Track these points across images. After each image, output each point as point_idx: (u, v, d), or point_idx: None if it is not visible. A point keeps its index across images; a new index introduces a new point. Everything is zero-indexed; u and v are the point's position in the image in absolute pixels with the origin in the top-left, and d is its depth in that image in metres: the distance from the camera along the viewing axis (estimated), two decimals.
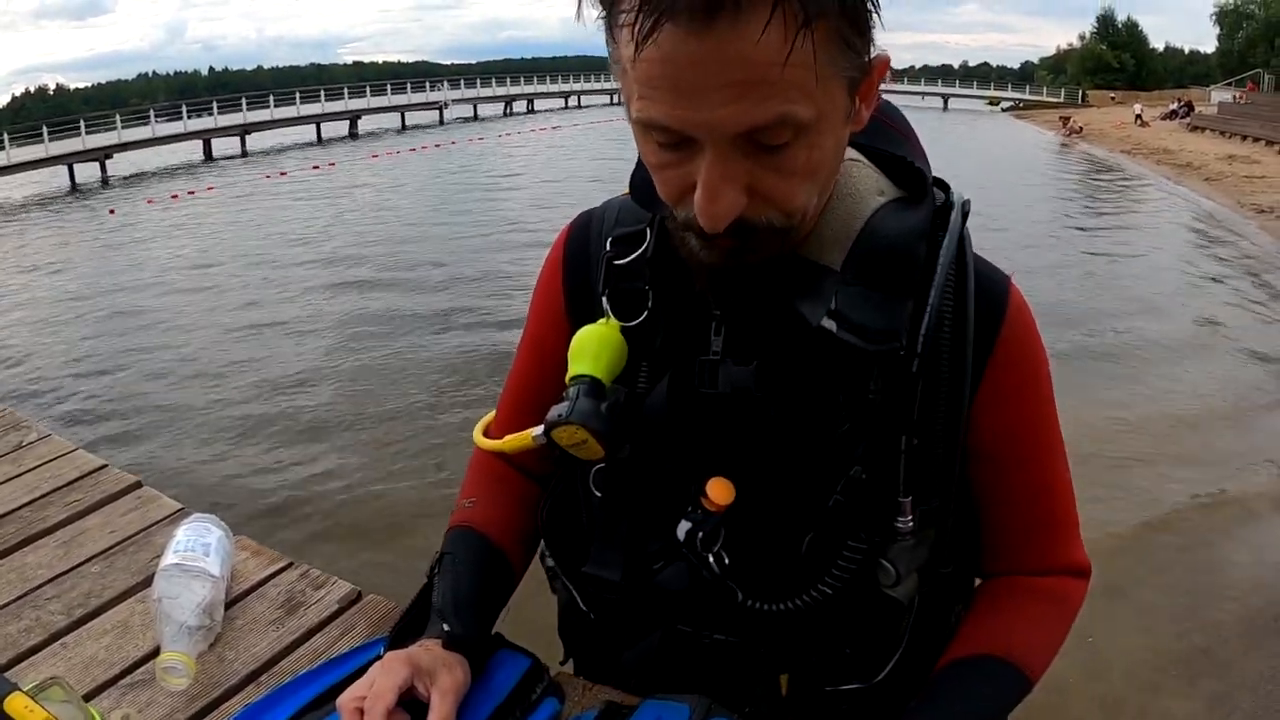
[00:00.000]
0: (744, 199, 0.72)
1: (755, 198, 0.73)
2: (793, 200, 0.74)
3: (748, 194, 0.72)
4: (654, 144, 0.74)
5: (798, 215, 0.76)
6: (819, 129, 0.71)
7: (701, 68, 0.65)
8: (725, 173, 0.70)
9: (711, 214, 0.72)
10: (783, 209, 0.74)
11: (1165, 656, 3.56)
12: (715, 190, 0.71)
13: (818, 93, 0.68)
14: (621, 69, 0.72)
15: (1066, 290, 9.66)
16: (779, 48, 0.64)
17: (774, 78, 0.65)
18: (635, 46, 0.67)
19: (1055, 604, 0.98)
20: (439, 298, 9.81)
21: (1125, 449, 5.53)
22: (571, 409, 0.85)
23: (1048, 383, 0.94)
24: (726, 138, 0.69)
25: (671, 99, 0.68)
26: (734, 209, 0.72)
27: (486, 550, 1.04)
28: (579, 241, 1.03)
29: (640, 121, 0.72)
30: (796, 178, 0.73)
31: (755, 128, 0.68)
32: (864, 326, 0.81)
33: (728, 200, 0.71)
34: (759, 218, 0.74)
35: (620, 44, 0.70)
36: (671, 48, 0.65)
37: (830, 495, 0.86)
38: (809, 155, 0.72)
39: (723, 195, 0.71)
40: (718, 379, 0.87)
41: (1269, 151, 22.40)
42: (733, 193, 0.71)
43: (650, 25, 0.65)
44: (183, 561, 1.15)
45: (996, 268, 0.91)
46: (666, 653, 0.99)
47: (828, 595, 0.88)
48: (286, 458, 5.77)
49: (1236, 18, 59.49)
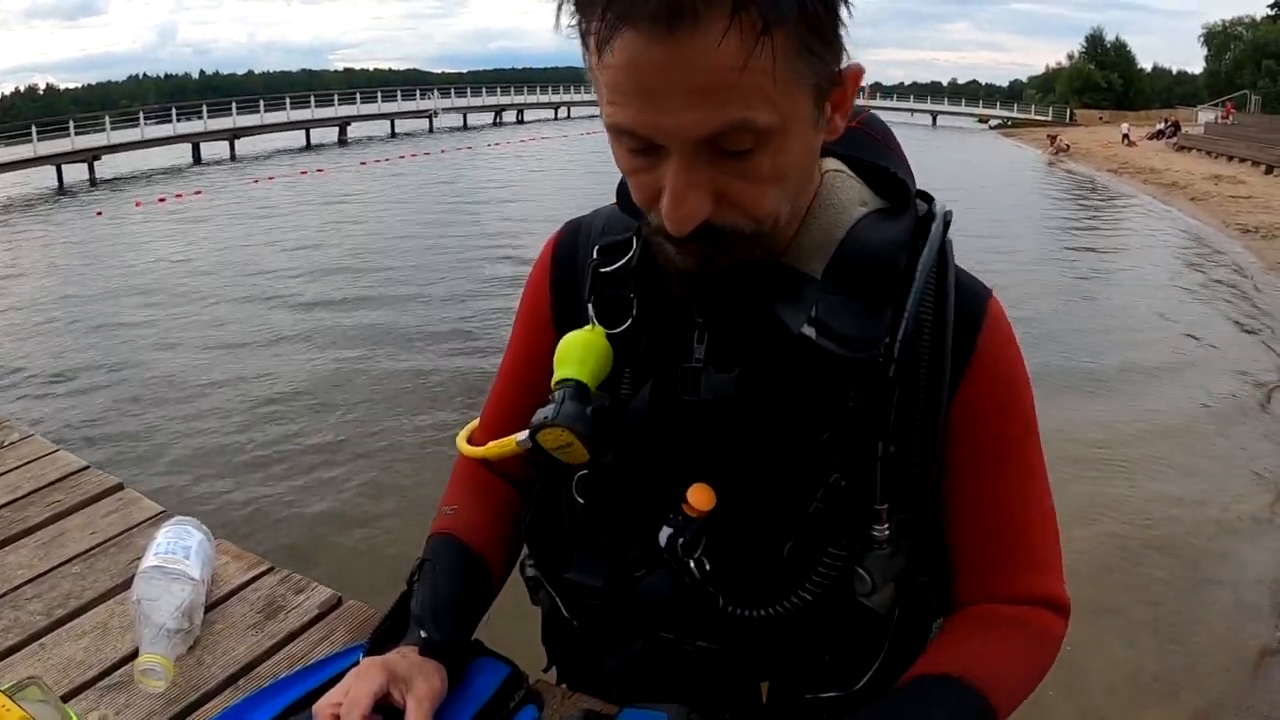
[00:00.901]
0: (709, 204, 0.73)
1: (722, 203, 0.74)
2: (760, 206, 0.75)
3: (715, 199, 0.73)
4: (625, 150, 0.75)
5: (767, 221, 0.77)
6: (784, 134, 0.72)
7: (663, 74, 0.67)
8: (690, 179, 0.72)
9: (677, 218, 0.73)
10: (750, 214, 0.75)
11: (1147, 673, 3.58)
12: (680, 196, 0.72)
13: (780, 99, 0.69)
14: (594, 76, 0.73)
15: (1051, 307, 9.71)
16: (737, 54, 0.65)
17: (733, 83, 0.67)
18: (598, 53, 0.69)
19: (1027, 633, 0.93)
20: (423, 309, 9.79)
21: (1108, 465, 5.57)
22: (557, 412, 0.86)
23: (1028, 401, 0.93)
24: (690, 143, 0.70)
25: (636, 104, 0.69)
26: (699, 214, 0.73)
27: (467, 558, 1.04)
28: (566, 249, 1.03)
29: (609, 127, 0.73)
30: (763, 183, 0.74)
31: (716, 133, 0.69)
32: (843, 334, 0.81)
33: (692, 205, 0.73)
34: (726, 223, 0.75)
35: (591, 51, 0.71)
36: (635, 54, 0.67)
37: (810, 502, 0.87)
38: (774, 161, 0.73)
39: (687, 200, 0.72)
40: (700, 386, 0.88)
41: (1255, 172, 22.59)
42: (697, 198, 0.72)
43: (610, 32, 0.67)
44: (163, 564, 1.14)
45: (979, 280, 0.91)
46: (648, 660, 0.99)
47: (807, 602, 0.88)
48: (269, 462, 5.76)
49: (1224, 39, 60.16)
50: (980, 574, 0.95)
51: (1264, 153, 23.98)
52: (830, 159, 0.91)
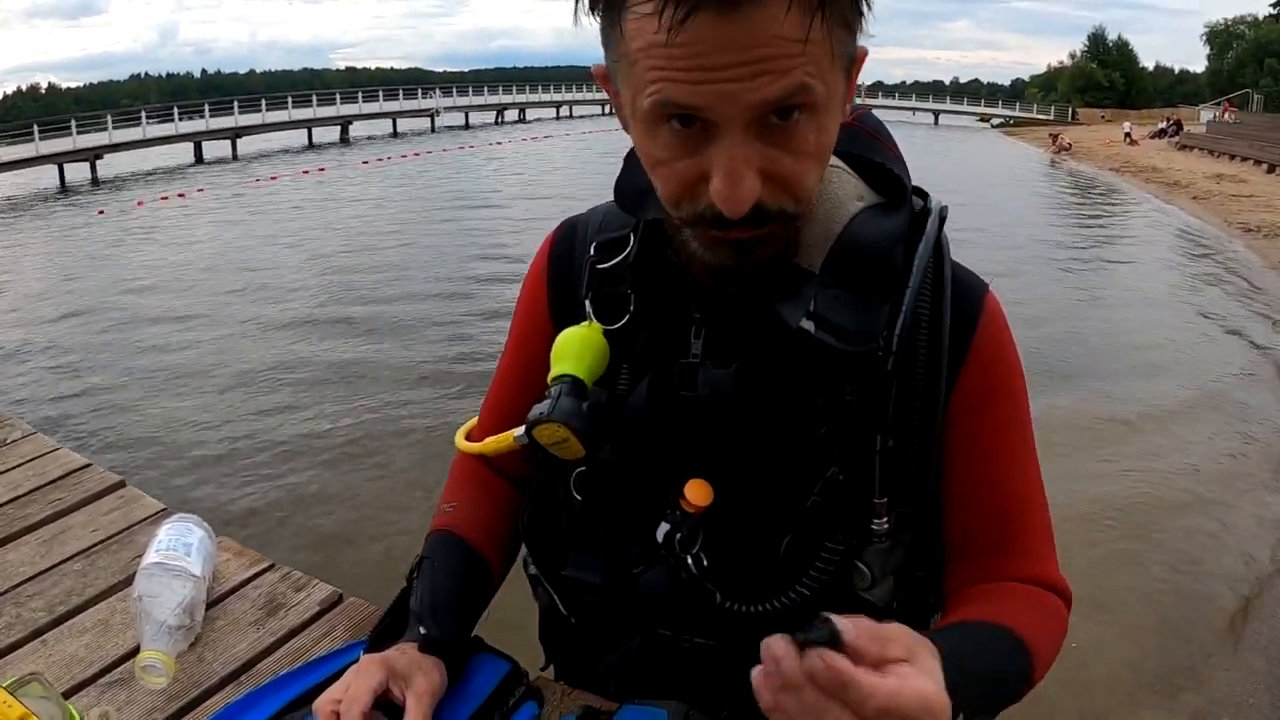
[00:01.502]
0: (759, 183, 0.72)
1: (769, 183, 0.73)
2: (804, 182, 0.75)
3: (762, 179, 0.72)
4: (665, 135, 0.73)
5: (805, 202, 0.76)
6: (827, 110, 0.72)
7: (725, 48, 0.66)
8: (744, 156, 0.71)
9: (735, 198, 0.71)
10: (794, 193, 0.75)
11: (1148, 672, 3.58)
12: (738, 174, 0.71)
13: (828, 71, 0.70)
14: (628, 62, 0.72)
15: (1054, 306, 9.70)
16: (799, 27, 0.66)
17: (795, 53, 0.67)
18: (667, 32, 0.67)
19: (1033, 600, 0.93)
20: (426, 307, 9.76)
21: (1109, 463, 5.57)
22: (553, 407, 0.86)
23: (1022, 393, 0.93)
24: (744, 119, 0.69)
25: (695, 79, 0.68)
26: (754, 193, 0.72)
27: (466, 555, 1.05)
28: (564, 246, 1.04)
29: (657, 104, 0.71)
30: (808, 159, 0.74)
31: (777, 100, 0.68)
32: (841, 327, 0.82)
33: (748, 184, 0.71)
34: (773, 204, 0.74)
35: (629, 36, 0.70)
36: (698, 31, 0.66)
37: (808, 497, 0.87)
38: (819, 136, 0.73)
39: (744, 178, 0.71)
40: (697, 381, 0.88)
41: (1257, 171, 22.55)
42: (751, 176, 0.71)
43: (685, 14, 0.65)
44: (164, 560, 1.15)
45: (976, 275, 0.92)
46: (646, 657, 0.99)
47: (805, 597, 0.88)
48: (271, 460, 5.75)
49: (1226, 38, 60.08)
50: (978, 562, 0.95)
51: (1266, 152, 23.94)
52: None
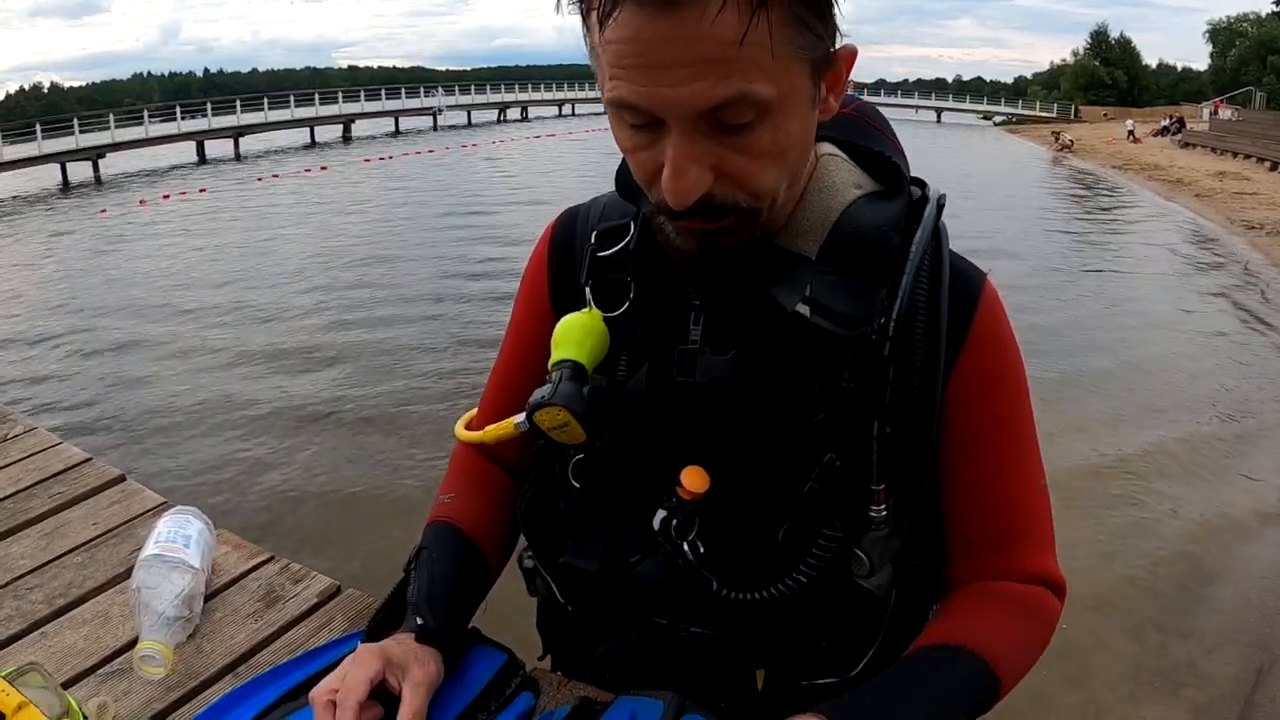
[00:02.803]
0: (710, 178, 0.74)
1: (722, 178, 0.74)
2: (759, 180, 0.76)
3: (714, 174, 0.74)
4: (626, 126, 0.76)
5: (766, 198, 0.77)
6: (782, 110, 0.73)
7: (665, 47, 0.68)
8: (690, 151, 0.72)
9: (677, 190, 0.73)
10: (749, 189, 0.76)
11: (1148, 668, 3.57)
12: (681, 168, 0.73)
13: (778, 73, 0.70)
14: (596, 55, 0.74)
15: (1056, 303, 9.70)
16: (736, 27, 0.67)
17: (732, 56, 0.68)
18: (600, 28, 0.70)
19: (1025, 607, 0.94)
20: (428, 304, 9.77)
21: (1110, 460, 5.56)
22: (554, 391, 0.87)
23: (1022, 379, 0.94)
24: (691, 116, 0.71)
25: (638, 78, 0.70)
26: (699, 186, 0.74)
27: (464, 546, 1.05)
28: (565, 234, 1.05)
29: (610, 101, 0.74)
30: (763, 158, 0.75)
31: (717, 105, 0.70)
32: (838, 312, 0.82)
33: (692, 177, 0.73)
34: (726, 198, 0.76)
35: (592, 28, 0.72)
36: (637, 28, 0.68)
37: (805, 483, 0.87)
38: (773, 137, 0.74)
39: (688, 172, 0.73)
40: (695, 368, 0.89)
41: (1260, 169, 22.50)
42: (698, 170, 0.73)
43: (613, 5, 0.68)
44: (163, 552, 1.15)
45: (973, 264, 0.92)
46: (643, 645, 1.00)
47: (802, 584, 0.88)
48: (271, 453, 5.78)
49: (1229, 36, 59.94)
50: (977, 552, 0.96)
51: (1269, 149, 23.88)
52: (825, 143, 0.92)
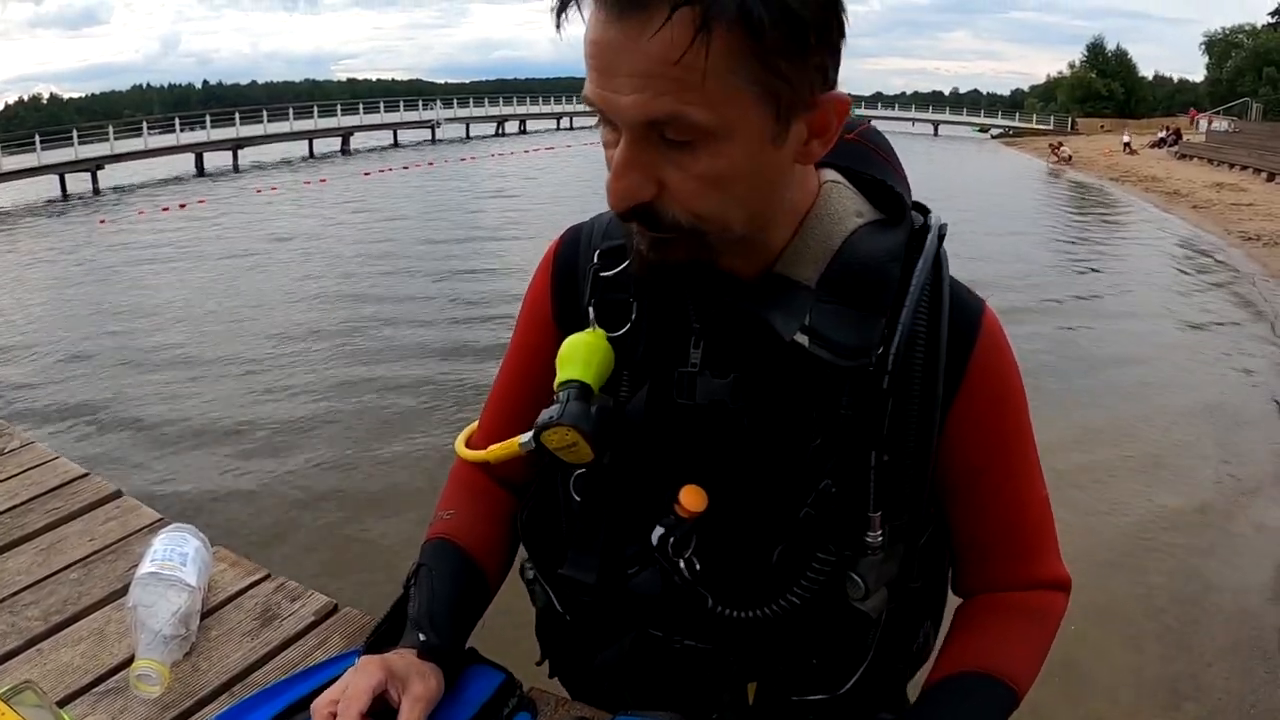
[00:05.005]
0: (651, 187, 0.75)
1: (665, 192, 0.76)
2: (697, 204, 0.76)
3: (658, 186, 0.75)
4: (601, 121, 0.78)
5: (710, 223, 0.78)
6: (725, 139, 0.73)
7: (614, 53, 0.70)
8: (632, 157, 0.74)
9: (614, 191, 0.76)
10: (688, 209, 0.76)
11: (1150, 680, 3.57)
12: (620, 171, 0.75)
13: (721, 100, 0.71)
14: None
15: (1055, 316, 9.73)
16: (673, 47, 0.68)
17: (670, 74, 0.69)
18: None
19: (1037, 618, 0.99)
20: (425, 320, 9.75)
21: (1112, 470, 5.57)
22: (563, 411, 0.87)
23: (1023, 404, 0.95)
24: (635, 124, 0.72)
25: (596, 80, 0.73)
26: (636, 192, 0.75)
27: (463, 563, 1.05)
28: (568, 254, 1.05)
29: (583, 98, 0.76)
30: (700, 183, 0.75)
31: (652, 120, 0.71)
32: (836, 342, 0.82)
33: (629, 182, 0.75)
34: (665, 212, 0.77)
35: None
36: (597, 32, 0.71)
37: (801, 507, 0.88)
38: (712, 163, 0.74)
39: (625, 176, 0.75)
40: (695, 390, 0.89)
41: (1256, 180, 22.61)
42: (637, 177, 0.75)
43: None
44: (159, 570, 1.15)
45: (973, 292, 0.93)
46: (638, 656, 1.01)
47: (795, 605, 0.89)
48: (268, 470, 5.77)
49: (1225, 47, 60.24)
50: (987, 566, 1.01)
51: (1265, 160, 24.00)
52: (828, 170, 0.91)
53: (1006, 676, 0.92)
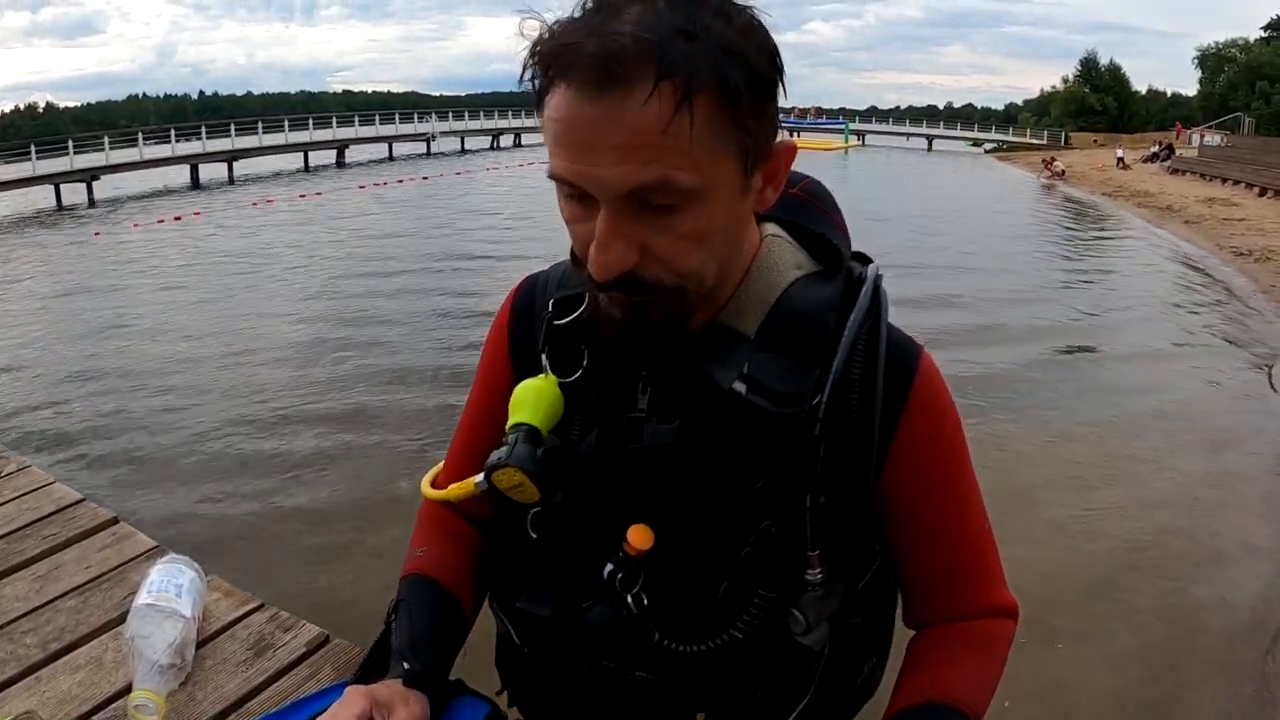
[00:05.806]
0: (634, 255, 0.79)
1: (647, 257, 0.79)
2: (682, 262, 0.80)
3: (640, 252, 0.79)
4: (564, 197, 0.81)
5: (692, 279, 0.82)
6: (708, 197, 0.77)
7: (594, 129, 0.73)
8: (616, 228, 0.77)
9: (601, 264, 0.79)
10: (673, 270, 0.80)
11: (1134, 701, 3.58)
12: (605, 243, 0.78)
13: (703, 162, 0.75)
14: (545, 129, 0.79)
15: (1049, 332, 9.75)
16: (659, 118, 0.71)
17: (656, 144, 0.73)
18: (539, 106, 0.76)
19: (987, 646, 1.03)
20: (420, 343, 9.72)
21: (1095, 490, 5.60)
22: (510, 453, 0.91)
23: (960, 440, 1.00)
24: (618, 195, 0.76)
25: (570, 156, 0.76)
26: (622, 262, 0.79)
27: (439, 595, 1.09)
28: (524, 302, 1.10)
29: (549, 175, 0.79)
30: (686, 241, 0.79)
31: (640, 188, 0.75)
32: (772, 390, 0.87)
33: (615, 253, 0.78)
34: (650, 276, 0.80)
35: (545, 106, 0.77)
36: (570, 109, 0.74)
37: (743, 546, 0.92)
38: (697, 221, 0.78)
39: (611, 248, 0.78)
40: (643, 435, 0.93)
41: (1248, 194, 22.71)
42: (622, 247, 0.78)
43: (549, 85, 0.75)
44: (155, 601, 1.17)
45: (910, 338, 0.97)
46: (591, 686, 1.04)
47: (739, 639, 0.93)
48: (260, 496, 5.75)
49: (1218, 61, 60.35)
50: (934, 597, 1.04)
51: (1257, 175, 24.13)
52: (771, 224, 0.97)
53: (963, 705, 0.95)
